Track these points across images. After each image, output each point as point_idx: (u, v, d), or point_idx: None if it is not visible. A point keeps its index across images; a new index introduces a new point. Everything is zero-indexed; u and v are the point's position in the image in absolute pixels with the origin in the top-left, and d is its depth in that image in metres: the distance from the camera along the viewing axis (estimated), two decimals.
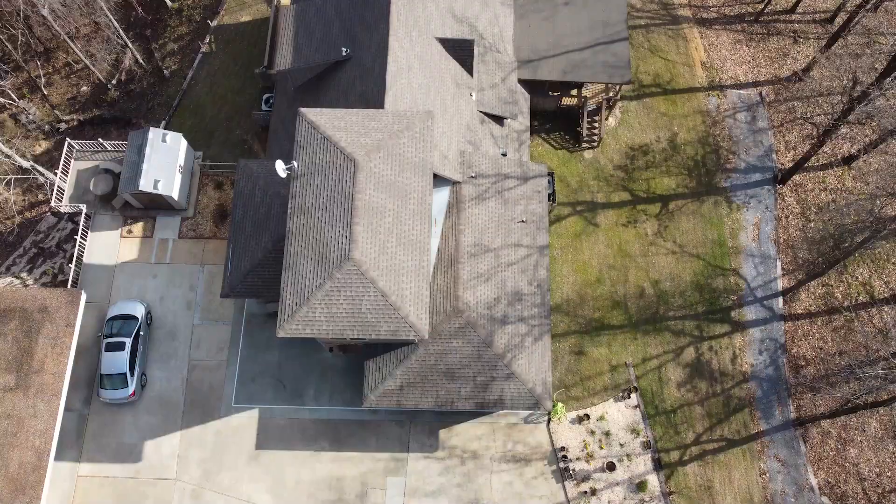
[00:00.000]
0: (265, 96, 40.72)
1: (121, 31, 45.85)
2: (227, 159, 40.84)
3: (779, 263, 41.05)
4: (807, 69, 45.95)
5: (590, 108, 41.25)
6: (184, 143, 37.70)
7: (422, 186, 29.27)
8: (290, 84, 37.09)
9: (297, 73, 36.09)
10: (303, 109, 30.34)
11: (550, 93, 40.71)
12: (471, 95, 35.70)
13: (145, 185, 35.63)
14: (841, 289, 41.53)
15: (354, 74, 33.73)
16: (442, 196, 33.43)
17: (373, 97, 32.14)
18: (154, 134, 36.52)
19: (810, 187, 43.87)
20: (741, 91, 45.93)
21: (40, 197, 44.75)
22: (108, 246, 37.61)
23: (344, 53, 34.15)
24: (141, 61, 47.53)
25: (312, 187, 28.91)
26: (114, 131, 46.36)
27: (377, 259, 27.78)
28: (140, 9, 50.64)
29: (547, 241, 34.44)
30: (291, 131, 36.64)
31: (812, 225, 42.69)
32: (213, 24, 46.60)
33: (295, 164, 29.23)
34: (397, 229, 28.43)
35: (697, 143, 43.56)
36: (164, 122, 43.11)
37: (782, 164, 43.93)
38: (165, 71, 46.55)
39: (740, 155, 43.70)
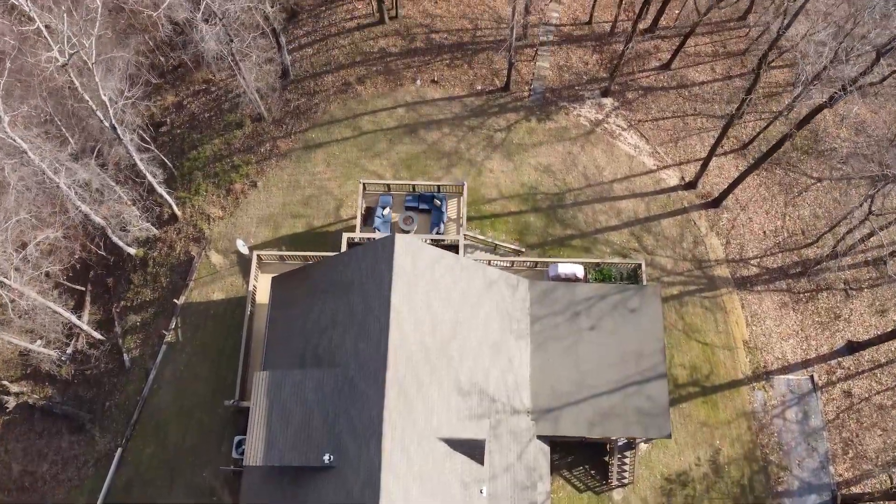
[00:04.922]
0: (237, 439, 34.52)
1: (75, 320, 39.77)
2: None
3: None
4: (863, 345, 39.87)
5: (620, 444, 35.05)
6: None
7: None
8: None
9: None
10: None
11: None
12: (481, 492, 29.49)
13: None
14: None
15: (340, 497, 27.49)
16: None
17: None
18: None
19: None
20: (790, 377, 39.72)
21: None
22: None
23: (326, 461, 27.95)
24: (99, 336, 41.37)
25: None
26: (66, 435, 40.16)
27: None
28: (101, 251, 44.40)
29: None
30: None
31: None
32: (180, 302, 40.28)
33: None
34: None
35: (743, 459, 37.32)
36: (119, 449, 36.90)
37: (840, 475, 37.76)
38: (126, 356, 40.34)
39: (792, 471, 37.48)
